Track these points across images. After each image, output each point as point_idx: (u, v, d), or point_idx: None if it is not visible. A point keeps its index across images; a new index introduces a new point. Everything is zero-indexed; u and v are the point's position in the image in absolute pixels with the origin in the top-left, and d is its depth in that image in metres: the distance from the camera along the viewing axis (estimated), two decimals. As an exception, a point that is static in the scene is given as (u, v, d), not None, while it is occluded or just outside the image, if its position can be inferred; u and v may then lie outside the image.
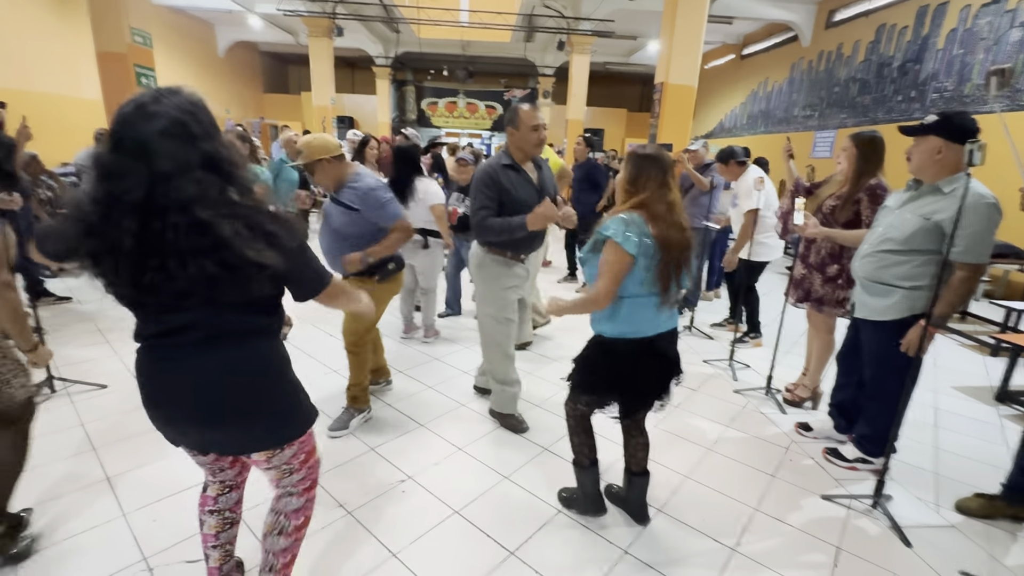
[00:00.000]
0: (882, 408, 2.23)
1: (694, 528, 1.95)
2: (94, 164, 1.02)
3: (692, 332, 4.15)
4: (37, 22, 7.62)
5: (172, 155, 0.99)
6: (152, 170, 0.98)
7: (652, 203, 1.64)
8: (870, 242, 2.21)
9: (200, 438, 1.23)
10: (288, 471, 1.31)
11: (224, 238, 1.00)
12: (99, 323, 3.75)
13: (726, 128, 12.53)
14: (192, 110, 1.04)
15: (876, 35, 7.76)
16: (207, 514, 1.42)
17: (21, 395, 1.62)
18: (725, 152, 3.80)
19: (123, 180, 0.98)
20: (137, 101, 1.01)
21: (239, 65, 14.21)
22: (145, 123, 0.98)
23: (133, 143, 0.98)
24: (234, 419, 1.17)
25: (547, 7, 10.02)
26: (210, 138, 1.05)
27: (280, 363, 1.24)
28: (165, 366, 1.15)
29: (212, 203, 1.01)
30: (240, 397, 1.17)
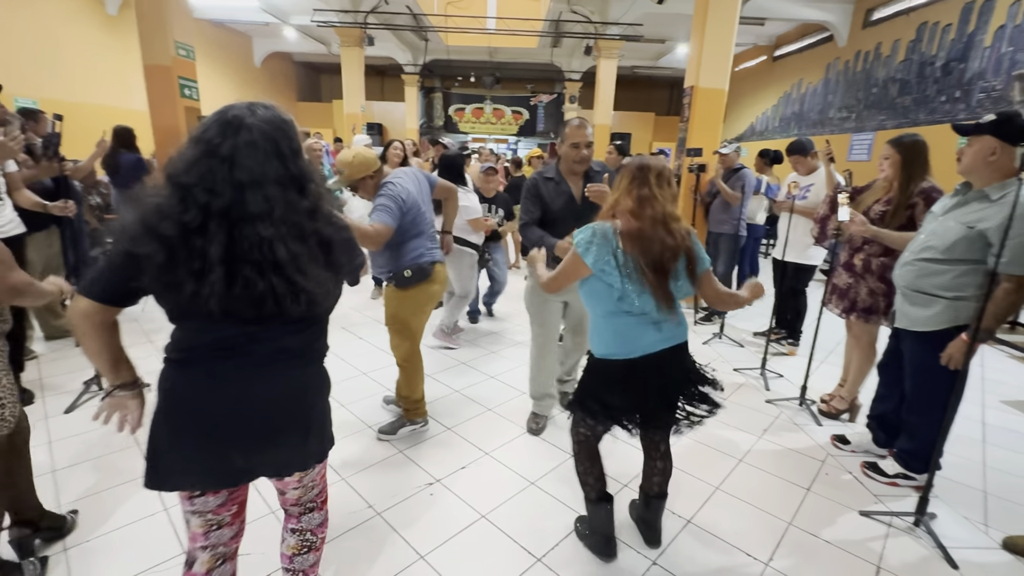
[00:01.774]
0: (925, 422, 2.14)
1: (725, 541, 1.91)
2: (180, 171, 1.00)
3: (722, 339, 4.06)
4: (91, 38, 8.07)
5: (252, 168, 1.00)
6: (234, 180, 0.99)
7: (636, 216, 1.53)
8: (912, 250, 2.13)
9: (250, 459, 1.14)
10: (312, 487, 1.32)
11: (278, 259, 1.01)
12: (144, 324, 3.92)
13: (757, 131, 12.26)
14: (282, 127, 1.05)
15: (917, 34, 7.47)
16: (191, 515, 1.21)
17: (5, 430, 1.55)
18: (797, 144, 3.65)
19: (213, 188, 0.98)
20: (233, 111, 1.02)
21: (274, 75, 14.68)
22: (237, 133, 1.00)
23: (227, 152, 0.99)
24: (295, 436, 1.17)
25: (574, 12, 10.03)
26: (296, 156, 1.07)
27: (328, 383, 1.29)
28: (225, 381, 1.09)
29: (277, 221, 1.02)
30: (302, 415, 1.18)
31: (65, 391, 2.80)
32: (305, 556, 1.35)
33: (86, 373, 2.90)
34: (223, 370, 1.09)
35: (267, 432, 1.12)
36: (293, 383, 1.15)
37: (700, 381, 1.71)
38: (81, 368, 3.06)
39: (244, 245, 0.99)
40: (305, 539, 1.34)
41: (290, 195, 1.05)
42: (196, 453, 1.10)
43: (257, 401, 1.10)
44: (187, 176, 0.99)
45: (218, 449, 1.10)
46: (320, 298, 1.09)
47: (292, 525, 1.35)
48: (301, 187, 1.07)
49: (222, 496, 1.19)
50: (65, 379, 2.96)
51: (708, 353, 3.82)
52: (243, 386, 1.09)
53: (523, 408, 2.86)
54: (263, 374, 1.10)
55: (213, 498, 1.18)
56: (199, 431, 1.09)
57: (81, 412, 2.63)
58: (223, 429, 1.09)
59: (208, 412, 1.09)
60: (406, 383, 2.50)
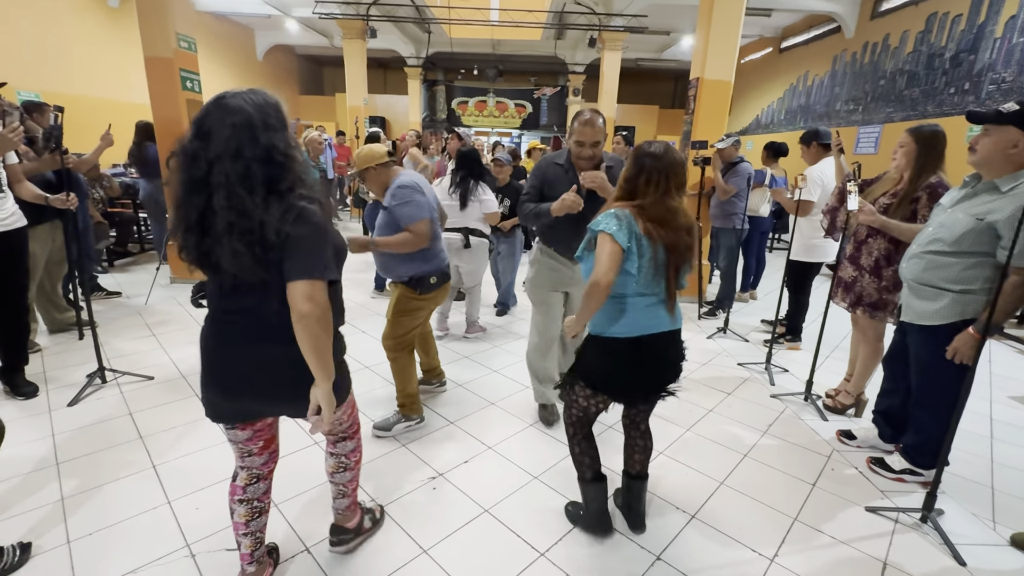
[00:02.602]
0: (931, 417, 2.12)
1: (730, 536, 1.90)
2: (180, 150, 1.18)
3: (726, 334, 4.04)
4: (92, 31, 8.03)
5: (228, 140, 1.13)
6: (211, 152, 1.13)
7: (648, 208, 1.58)
8: (919, 242, 2.10)
9: (256, 409, 1.38)
10: (339, 421, 1.56)
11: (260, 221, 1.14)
12: (147, 318, 3.92)
13: (763, 124, 12.15)
14: (262, 105, 1.18)
15: (926, 24, 7.37)
16: (236, 503, 1.49)
17: None
18: (810, 134, 3.57)
19: (194, 161, 1.15)
20: (219, 95, 1.18)
21: (277, 68, 14.61)
22: (218, 112, 1.15)
23: (204, 127, 1.15)
24: (279, 387, 1.31)
25: (578, 4, 9.92)
26: (272, 131, 1.18)
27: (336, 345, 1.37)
28: (227, 340, 1.30)
29: (253, 188, 1.15)
30: (283, 370, 1.30)
31: (69, 384, 2.80)
32: (342, 474, 1.66)
33: (89, 366, 2.90)
34: (214, 325, 1.32)
35: (249, 382, 1.30)
36: (262, 341, 1.27)
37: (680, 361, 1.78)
38: (84, 361, 3.06)
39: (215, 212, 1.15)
40: (340, 461, 1.65)
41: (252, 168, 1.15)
42: (208, 391, 1.35)
43: (238, 353, 1.29)
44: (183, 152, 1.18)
45: (218, 390, 1.33)
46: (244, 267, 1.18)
47: (330, 449, 1.65)
48: (268, 159, 1.17)
49: (248, 431, 1.43)
50: (69, 372, 2.97)
51: (713, 348, 3.79)
52: (225, 339, 1.30)
53: (526, 402, 2.85)
54: (240, 331, 1.28)
55: (241, 432, 1.43)
56: (207, 373, 1.34)
57: (85, 405, 2.63)
58: (218, 374, 1.32)
59: (209, 358, 1.33)
60: (399, 375, 2.51)
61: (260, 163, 1.16)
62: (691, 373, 3.33)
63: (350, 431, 1.64)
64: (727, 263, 4.34)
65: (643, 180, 1.59)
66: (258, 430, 1.46)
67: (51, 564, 1.65)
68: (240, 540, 1.52)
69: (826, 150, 3.52)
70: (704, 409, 2.86)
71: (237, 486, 1.49)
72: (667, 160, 1.59)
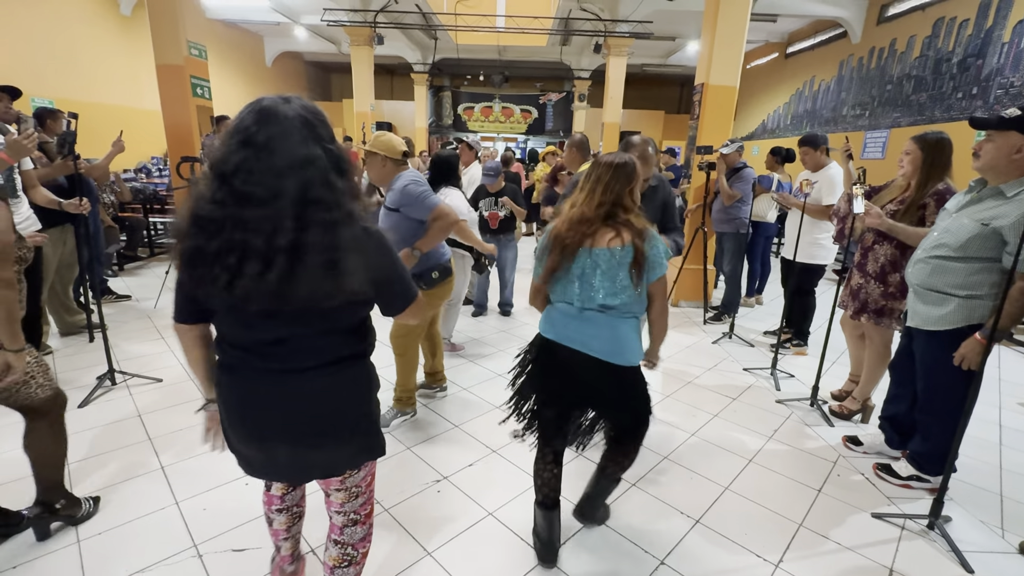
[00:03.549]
0: (938, 423, 2.11)
1: (734, 542, 1.89)
2: (219, 161, 1.00)
3: (732, 339, 4.03)
4: (105, 39, 8.17)
5: (296, 153, 0.98)
6: (277, 168, 0.97)
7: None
8: (924, 247, 2.10)
9: (289, 461, 1.19)
10: (356, 494, 1.30)
11: (338, 242, 1.00)
12: (156, 321, 3.97)
13: (768, 129, 12.13)
14: (316, 112, 1.05)
15: (933, 29, 7.35)
16: (275, 513, 1.43)
17: (42, 394, 1.69)
18: (810, 137, 3.51)
19: (250, 176, 0.96)
20: (262, 103, 1.01)
21: (285, 74, 14.77)
22: (275, 122, 0.98)
23: (263, 140, 0.97)
24: (327, 441, 1.16)
25: (584, 10, 9.98)
26: (332, 140, 1.06)
27: (372, 386, 1.24)
28: (257, 384, 1.12)
29: (331, 206, 1.01)
30: (335, 421, 1.16)
31: (79, 386, 2.84)
32: (345, 570, 1.36)
33: (100, 368, 2.94)
34: (247, 374, 1.12)
35: (291, 435, 1.13)
36: (312, 389, 1.12)
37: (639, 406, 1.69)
38: (95, 363, 3.10)
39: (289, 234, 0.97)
40: (346, 553, 1.35)
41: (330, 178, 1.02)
42: (241, 445, 1.19)
43: (278, 405, 1.12)
44: (225, 165, 0.98)
45: (255, 445, 1.16)
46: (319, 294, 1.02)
47: (335, 536, 1.36)
48: (340, 170, 1.05)
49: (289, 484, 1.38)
50: (79, 374, 3.01)
51: (718, 353, 3.79)
52: (265, 389, 1.12)
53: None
54: (282, 379, 1.11)
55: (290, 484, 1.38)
56: (238, 427, 1.16)
57: (95, 406, 2.67)
58: (253, 428, 1.14)
59: (239, 411, 1.14)
60: (404, 370, 2.55)
61: (335, 174, 1.03)
62: (696, 378, 3.33)
63: (362, 512, 1.34)
64: (732, 267, 4.34)
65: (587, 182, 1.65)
66: None
67: (61, 563, 1.67)
68: (280, 544, 1.48)
69: (827, 154, 3.52)
70: (709, 414, 2.86)
71: (273, 496, 1.42)
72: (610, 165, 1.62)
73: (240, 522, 1.85)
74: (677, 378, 3.31)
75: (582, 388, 1.66)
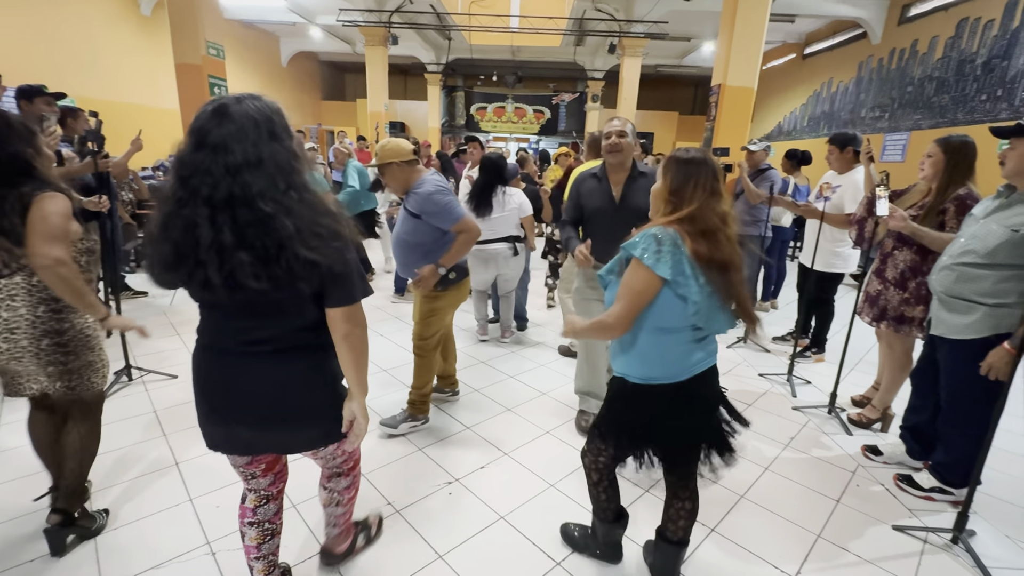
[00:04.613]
0: (963, 434, 2.05)
1: (750, 551, 1.85)
2: (175, 164, 1.09)
3: (747, 344, 3.97)
4: (125, 39, 8.31)
5: (243, 151, 1.04)
6: (226, 164, 1.04)
7: (701, 217, 1.34)
8: (950, 254, 2.04)
9: (247, 440, 1.29)
10: (332, 457, 1.47)
11: (284, 235, 1.05)
12: (171, 317, 4.02)
13: (785, 131, 11.98)
14: (268, 113, 1.10)
15: (957, 30, 7.19)
16: (247, 526, 1.43)
17: (99, 385, 1.77)
18: (847, 137, 3.31)
19: (201, 176, 1.04)
20: (218, 103, 1.08)
21: (300, 74, 14.91)
22: (223, 121, 1.05)
23: (212, 139, 1.04)
24: (281, 426, 1.26)
25: (599, 10, 9.93)
26: (280, 139, 1.10)
27: (328, 378, 1.29)
28: (221, 367, 1.23)
29: (274, 199, 1.06)
30: (289, 408, 1.25)
31: (97, 381, 2.87)
32: (335, 508, 1.58)
33: (116, 364, 2.97)
34: (214, 357, 1.24)
35: (254, 417, 1.24)
36: (274, 374, 1.21)
37: (727, 405, 1.57)
38: (112, 359, 3.12)
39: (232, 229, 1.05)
40: (332, 496, 1.56)
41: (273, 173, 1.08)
42: (207, 422, 1.28)
43: (243, 388, 1.22)
44: (184, 169, 1.06)
45: (220, 423, 1.26)
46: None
47: (323, 483, 1.56)
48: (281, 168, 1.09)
49: (246, 457, 1.35)
50: (97, 369, 3.04)
51: (733, 357, 3.73)
52: (231, 374, 1.22)
53: (543, 408, 2.84)
54: (245, 365, 1.21)
55: (240, 457, 1.35)
56: (205, 405, 1.26)
57: (111, 402, 2.70)
58: (220, 408, 1.25)
59: (208, 391, 1.25)
60: (422, 374, 2.52)
61: (280, 173, 1.08)
62: (710, 383, 3.28)
63: (345, 467, 1.53)
64: (749, 271, 4.27)
65: (691, 186, 1.36)
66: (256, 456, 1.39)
67: (77, 559, 1.69)
68: (252, 565, 1.45)
69: (858, 158, 3.36)
70: (724, 420, 2.81)
71: (247, 508, 1.43)
72: (711, 164, 1.39)
73: (253, 520, 1.86)
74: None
75: (708, 412, 1.50)
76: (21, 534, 1.77)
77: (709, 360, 1.47)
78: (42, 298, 1.57)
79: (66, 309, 1.61)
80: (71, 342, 1.63)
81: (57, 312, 1.59)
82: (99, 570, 1.64)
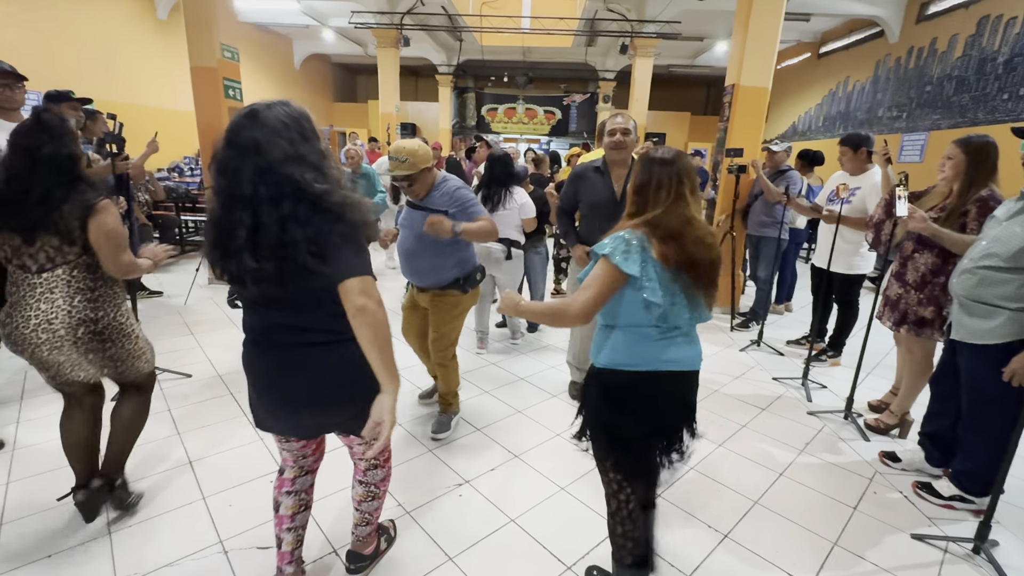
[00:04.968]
0: (984, 441, 2.01)
1: (764, 558, 1.82)
2: (211, 162, 1.19)
3: (760, 347, 3.92)
4: (142, 42, 8.44)
5: (274, 152, 1.13)
6: (257, 165, 1.13)
7: (665, 220, 1.35)
8: (971, 257, 1.99)
9: (294, 423, 1.39)
10: (369, 447, 1.46)
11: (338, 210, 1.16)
12: (186, 317, 4.07)
13: (799, 131, 11.83)
14: (297, 116, 1.20)
15: (978, 28, 7.04)
16: (284, 495, 1.51)
17: (147, 368, 1.90)
18: (861, 137, 3.24)
19: (236, 174, 1.13)
20: (251, 109, 1.17)
21: (313, 76, 15.04)
22: (255, 124, 1.14)
23: (245, 141, 1.13)
24: (322, 411, 1.36)
25: (611, 10, 9.89)
26: (308, 141, 1.20)
27: (353, 367, 1.26)
28: (262, 357, 1.33)
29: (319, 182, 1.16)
30: (323, 396, 1.32)
31: (113, 379, 2.92)
32: (370, 503, 1.62)
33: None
34: (258, 348, 1.33)
35: (294, 402, 1.32)
36: (308, 362, 1.29)
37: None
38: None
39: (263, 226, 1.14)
40: (369, 490, 1.60)
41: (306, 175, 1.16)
42: (261, 407, 1.37)
43: (280, 375, 1.30)
44: (218, 167, 1.17)
45: (271, 407, 1.35)
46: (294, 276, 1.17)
47: (359, 477, 1.60)
48: (314, 167, 1.18)
49: (302, 440, 1.48)
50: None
51: (746, 361, 3.69)
52: (269, 361, 1.32)
53: (553, 411, 2.82)
54: (282, 353, 1.30)
55: (296, 442, 1.48)
56: (256, 391, 1.36)
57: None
58: (267, 393, 1.34)
59: (257, 378, 1.35)
60: (450, 376, 2.55)
61: (310, 172, 1.16)
62: (723, 387, 3.24)
63: (381, 458, 1.62)
64: (766, 273, 4.22)
65: (654, 187, 1.38)
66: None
67: (92, 554, 1.71)
68: (282, 536, 1.52)
69: (871, 159, 3.31)
70: (737, 424, 2.78)
71: (285, 479, 1.53)
72: (679, 165, 1.39)
73: (265, 519, 1.86)
74: (703, 387, 3.18)
75: (684, 414, 1.50)
76: (38, 529, 1.80)
77: (688, 364, 1.43)
78: (79, 288, 1.65)
79: (101, 299, 1.70)
80: (106, 330, 1.71)
81: (92, 302, 1.68)
82: (113, 566, 1.66)
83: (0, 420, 2.47)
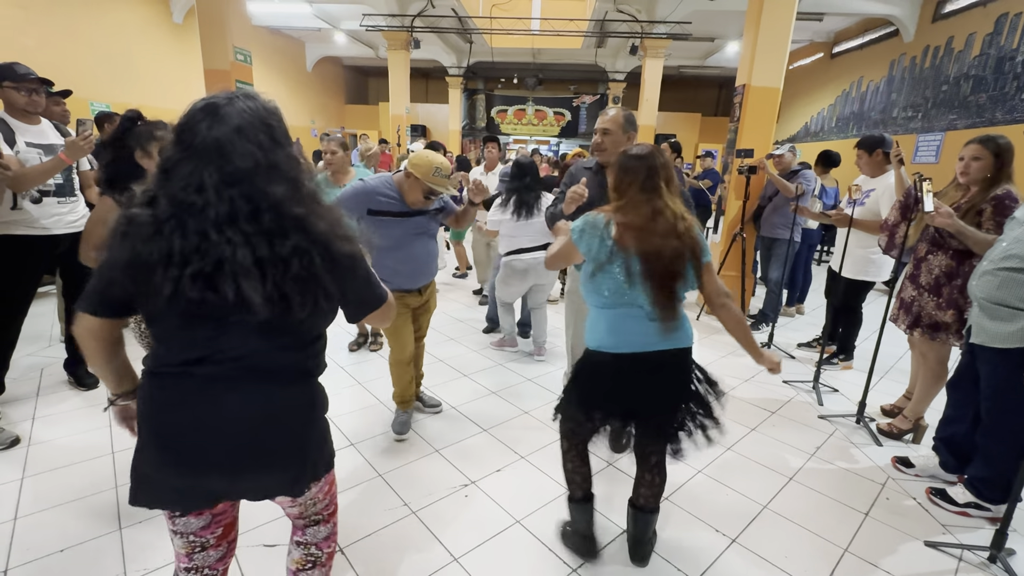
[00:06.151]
0: (1003, 447, 1.96)
1: (773, 564, 1.80)
2: (161, 164, 0.93)
3: (771, 350, 3.87)
4: (158, 45, 8.60)
5: (244, 156, 0.90)
6: (223, 171, 0.89)
7: (631, 209, 1.50)
8: (991, 258, 1.95)
9: (225, 484, 1.03)
10: (312, 503, 1.19)
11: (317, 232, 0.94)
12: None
13: (812, 132, 11.69)
14: (265, 116, 0.95)
15: (995, 26, 6.92)
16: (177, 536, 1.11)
17: None
18: (876, 139, 3.19)
19: (193, 180, 0.89)
20: (208, 101, 0.93)
21: (325, 78, 15.18)
22: (218, 123, 0.90)
23: (205, 141, 0.89)
24: (272, 462, 1.03)
25: (620, 11, 9.86)
26: (280, 145, 0.96)
27: (321, 406, 1.12)
28: (199, 398, 0.97)
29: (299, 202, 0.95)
30: (281, 441, 1.03)
31: (126, 377, 2.96)
32: (310, 571, 1.23)
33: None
34: (189, 385, 0.97)
35: (236, 456, 0.99)
36: (267, 404, 1.00)
37: (700, 395, 1.64)
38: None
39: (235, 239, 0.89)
40: (310, 553, 1.23)
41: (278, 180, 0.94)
42: (162, 472, 0.99)
43: (225, 421, 0.97)
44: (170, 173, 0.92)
45: (187, 470, 0.99)
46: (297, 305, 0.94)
47: (297, 537, 1.24)
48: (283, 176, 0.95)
49: (205, 517, 1.09)
50: (126, 366, 3.14)
51: (755, 364, 3.63)
52: (210, 405, 0.97)
53: (560, 413, 2.81)
54: (232, 392, 0.97)
55: (195, 519, 1.08)
56: (166, 448, 0.98)
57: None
58: (190, 449, 0.97)
59: (173, 429, 0.98)
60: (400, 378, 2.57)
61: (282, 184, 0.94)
62: (733, 389, 3.21)
63: (326, 512, 1.23)
64: (777, 274, 4.17)
65: (627, 180, 1.54)
66: (219, 513, 1.12)
67: (103, 550, 1.73)
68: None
69: (888, 160, 3.20)
70: (746, 428, 2.75)
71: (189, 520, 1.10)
72: (650, 160, 1.53)
73: (271, 518, 1.88)
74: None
75: (653, 392, 1.58)
76: (52, 524, 1.82)
77: (664, 343, 1.53)
78: None
79: None
80: None
81: None
82: (124, 562, 1.68)
83: (16, 416, 2.51)
